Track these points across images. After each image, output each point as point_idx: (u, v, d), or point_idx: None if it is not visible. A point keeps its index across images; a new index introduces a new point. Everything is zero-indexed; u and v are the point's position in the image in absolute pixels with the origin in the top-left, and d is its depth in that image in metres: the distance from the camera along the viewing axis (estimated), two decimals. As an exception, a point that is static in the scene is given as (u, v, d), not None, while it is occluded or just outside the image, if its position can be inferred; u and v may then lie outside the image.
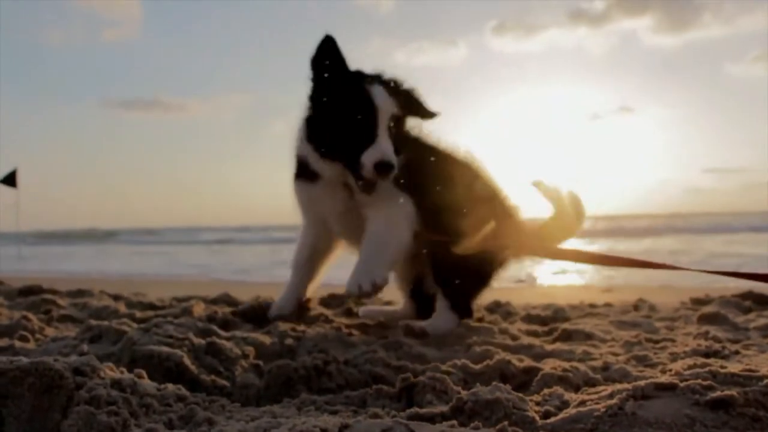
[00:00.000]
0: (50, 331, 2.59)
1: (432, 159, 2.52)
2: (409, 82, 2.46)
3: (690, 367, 1.57)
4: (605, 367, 1.91)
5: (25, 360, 1.41)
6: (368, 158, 2.23)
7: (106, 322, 2.33)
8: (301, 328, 2.57)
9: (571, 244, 2.70)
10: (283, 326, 2.57)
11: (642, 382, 1.36)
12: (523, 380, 1.84)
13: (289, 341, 2.32)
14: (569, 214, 2.67)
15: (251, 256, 14.09)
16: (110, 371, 1.55)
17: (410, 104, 2.43)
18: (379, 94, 2.30)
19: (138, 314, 3.00)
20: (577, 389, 1.68)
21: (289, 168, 2.61)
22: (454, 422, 1.29)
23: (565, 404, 1.46)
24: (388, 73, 2.44)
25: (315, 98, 2.40)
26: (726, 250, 11.57)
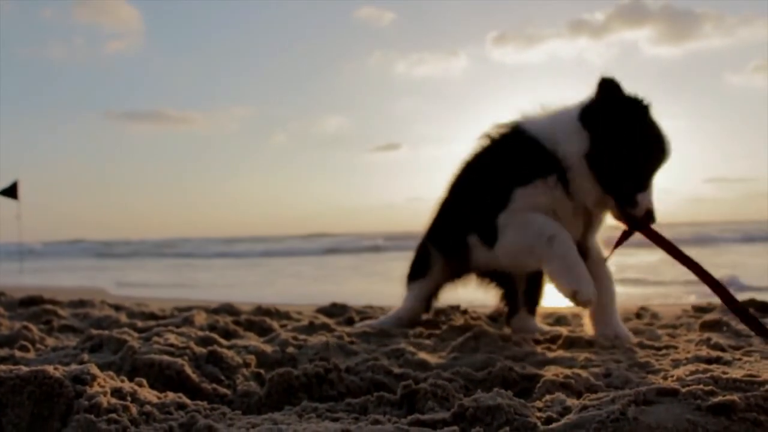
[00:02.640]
0: (51, 341, 2.59)
1: None
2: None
3: (692, 373, 1.56)
4: (607, 374, 1.90)
5: (24, 368, 1.41)
6: (644, 200, 2.41)
7: (106, 332, 2.33)
8: (303, 336, 2.57)
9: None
10: (285, 335, 2.57)
11: (644, 388, 1.36)
12: (525, 387, 1.83)
13: (290, 349, 2.31)
14: None
15: (254, 268, 14.09)
16: (110, 380, 1.54)
17: None
18: (670, 143, 2.46)
19: (139, 324, 3.00)
20: (579, 395, 1.67)
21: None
22: (456, 428, 1.28)
23: (567, 410, 1.45)
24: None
25: (604, 134, 2.42)
26: (726, 260, 11.55)
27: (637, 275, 8.59)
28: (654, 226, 2.47)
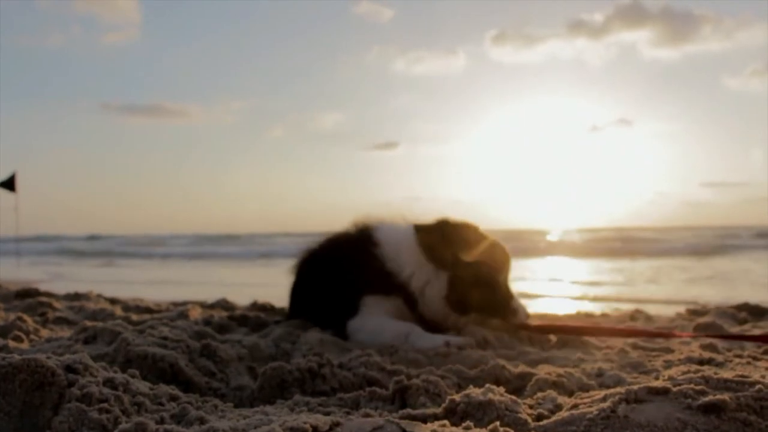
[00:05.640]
0: (45, 333, 2.59)
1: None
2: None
3: (683, 373, 1.56)
4: (599, 374, 1.91)
5: (16, 357, 1.41)
6: (518, 306, 2.73)
7: (100, 323, 2.32)
8: (297, 332, 2.57)
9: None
10: (279, 330, 2.57)
11: (635, 386, 1.36)
12: (518, 385, 1.83)
13: (284, 345, 2.32)
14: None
15: (249, 264, 14.08)
16: (103, 370, 1.54)
17: None
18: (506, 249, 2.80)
19: (134, 317, 3.00)
20: (571, 394, 1.67)
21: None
22: (446, 422, 1.28)
23: (558, 407, 1.45)
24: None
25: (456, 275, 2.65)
26: (723, 267, 11.56)
27: (632, 278, 8.60)
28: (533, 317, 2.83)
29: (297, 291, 3.03)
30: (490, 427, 1.25)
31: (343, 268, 2.77)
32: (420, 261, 2.65)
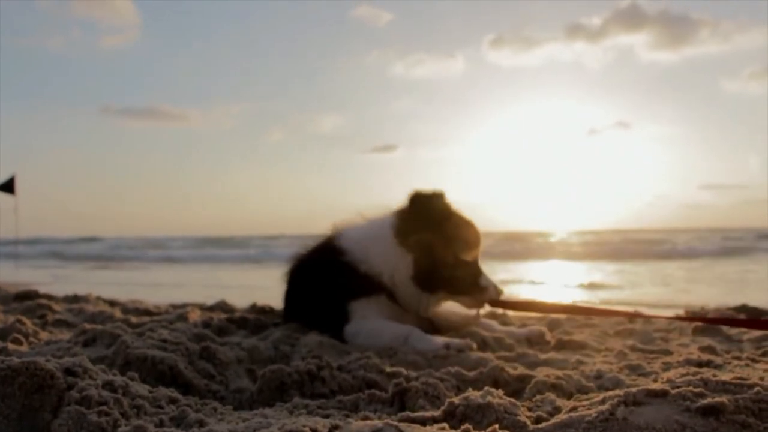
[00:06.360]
0: (44, 335, 2.59)
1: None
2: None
3: (682, 375, 1.57)
4: (598, 376, 1.91)
5: (16, 360, 1.41)
6: (488, 283, 2.67)
7: (100, 326, 2.32)
8: (296, 335, 2.57)
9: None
10: (278, 333, 2.57)
11: (633, 389, 1.36)
12: (517, 387, 1.83)
13: (283, 347, 2.32)
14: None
15: (249, 267, 14.08)
16: (102, 373, 1.54)
17: None
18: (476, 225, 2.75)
19: (133, 319, 3.00)
20: (569, 396, 1.68)
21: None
22: (445, 425, 1.28)
23: (557, 410, 1.46)
24: None
25: (424, 252, 2.64)
26: (726, 269, 11.55)
27: (632, 280, 8.61)
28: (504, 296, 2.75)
29: (289, 299, 3.05)
30: (489, 429, 1.25)
31: (323, 280, 2.79)
32: (384, 251, 2.66)
